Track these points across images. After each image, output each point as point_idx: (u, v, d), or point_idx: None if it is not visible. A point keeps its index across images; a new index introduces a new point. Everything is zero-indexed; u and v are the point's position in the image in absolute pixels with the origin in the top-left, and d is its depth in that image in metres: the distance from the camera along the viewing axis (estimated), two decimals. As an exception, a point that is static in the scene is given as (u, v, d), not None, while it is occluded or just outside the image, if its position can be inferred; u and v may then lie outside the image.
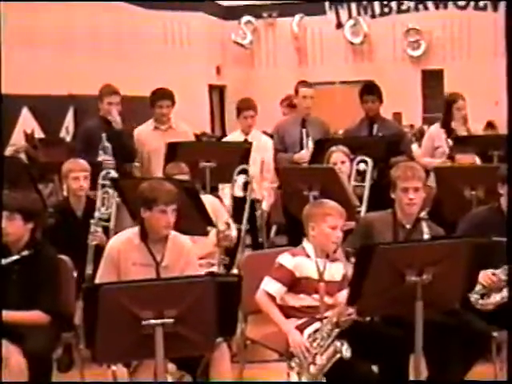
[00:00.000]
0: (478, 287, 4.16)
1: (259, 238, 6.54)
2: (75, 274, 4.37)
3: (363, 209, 5.47)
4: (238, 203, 5.60)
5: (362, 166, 5.73)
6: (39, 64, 8.26)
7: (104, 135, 6.06)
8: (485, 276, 4.17)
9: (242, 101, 6.79)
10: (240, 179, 5.57)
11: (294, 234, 5.14)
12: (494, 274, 4.18)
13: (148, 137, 6.47)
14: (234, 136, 6.80)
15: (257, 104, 6.73)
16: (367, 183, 5.65)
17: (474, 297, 4.17)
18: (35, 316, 3.98)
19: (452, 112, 6.50)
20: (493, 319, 4.15)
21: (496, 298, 4.18)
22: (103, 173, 5.49)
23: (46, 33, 9.77)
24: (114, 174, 5.55)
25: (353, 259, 3.80)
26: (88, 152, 6.05)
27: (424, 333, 3.41)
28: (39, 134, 9.57)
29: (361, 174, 5.73)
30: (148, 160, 6.48)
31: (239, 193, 5.62)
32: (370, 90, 6.80)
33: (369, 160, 5.74)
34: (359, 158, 5.73)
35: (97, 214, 5.23)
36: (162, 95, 6.48)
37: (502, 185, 4.40)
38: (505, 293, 4.13)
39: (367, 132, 6.64)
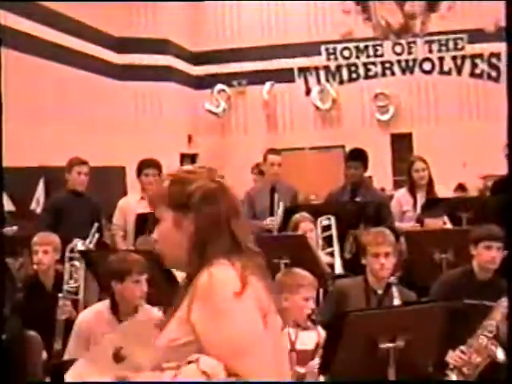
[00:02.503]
0: (449, 370, 4.16)
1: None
2: (43, 350, 4.29)
3: (337, 265, 5.48)
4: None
5: (325, 223, 5.78)
6: (8, 135, 8.25)
7: None
8: (454, 356, 4.16)
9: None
10: None
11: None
12: (462, 352, 4.17)
13: (134, 207, 6.43)
14: None
15: (223, 172, 6.76)
16: (334, 238, 5.67)
17: (450, 378, 4.16)
18: None
19: (412, 175, 6.54)
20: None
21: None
22: (70, 246, 5.44)
23: (14, 103, 9.79)
24: (80, 246, 5.49)
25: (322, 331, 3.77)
26: (57, 225, 6.02)
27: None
28: (9, 206, 9.50)
29: (325, 231, 5.76)
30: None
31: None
32: (355, 156, 6.80)
33: (331, 217, 5.77)
34: (321, 218, 5.76)
35: (65, 287, 5.16)
36: (149, 164, 6.49)
37: (475, 246, 4.43)
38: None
39: (349, 198, 6.62)
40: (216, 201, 2.15)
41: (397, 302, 4.17)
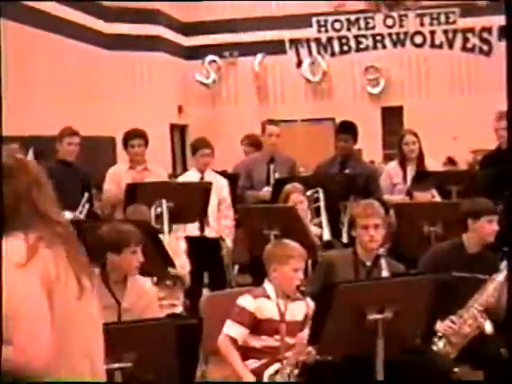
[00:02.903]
0: (437, 337, 4.20)
1: (226, 277, 6.56)
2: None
3: (325, 232, 5.50)
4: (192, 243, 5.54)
5: (314, 195, 5.81)
6: (-2, 105, 8.21)
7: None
8: (444, 325, 4.21)
9: (199, 140, 6.82)
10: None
11: (258, 272, 5.13)
12: (452, 322, 4.22)
13: (122, 176, 6.41)
14: (189, 175, 6.79)
15: (214, 144, 6.76)
16: (322, 209, 5.69)
17: (437, 346, 4.20)
18: None
19: (402, 148, 6.55)
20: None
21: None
22: None
23: (4, 72, 9.71)
24: (69, 215, 5.47)
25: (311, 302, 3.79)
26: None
27: (385, 370, 3.40)
28: (-2, 176, 9.46)
29: (315, 202, 5.79)
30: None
31: (195, 231, 5.56)
32: (345, 129, 6.84)
33: (319, 189, 5.79)
34: (310, 191, 5.77)
35: None
36: (134, 134, 6.46)
37: (474, 220, 4.43)
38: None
39: (338, 170, 6.65)
40: (13, 176, 2.33)
41: (385, 273, 4.19)
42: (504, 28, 3.53)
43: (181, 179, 7.13)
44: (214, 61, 14.70)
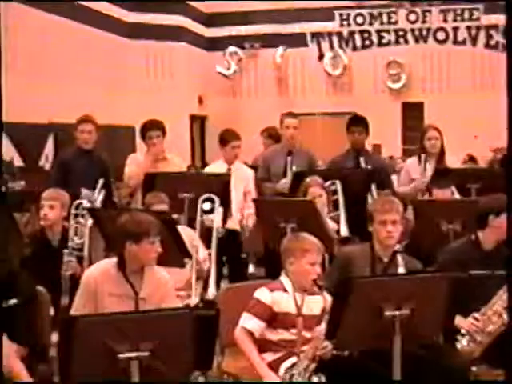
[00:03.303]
0: (460, 335, 4.18)
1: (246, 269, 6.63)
2: (51, 305, 4.33)
3: (343, 227, 5.49)
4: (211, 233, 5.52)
5: (332, 188, 5.79)
6: (19, 91, 8.23)
7: None
8: (467, 322, 4.18)
9: (229, 131, 6.79)
10: (206, 206, 5.50)
11: (272, 265, 5.13)
12: (475, 319, 4.20)
13: (145, 162, 6.41)
14: (217, 166, 6.80)
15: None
16: (341, 203, 5.68)
17: (461, 344, 4.18)
18: (14, 349, 3.92)
19: (424, 143, 6.53)
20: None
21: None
22: (76, 202, 5.45)
23: (26, 60, 9.76)
24: (86, 203, 5.50)
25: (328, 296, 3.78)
26: (66, 182, 6.04)
27: (402, 367, 3.40)
28: (18, 162, 9.52)
29: (334, 194, 5.78)
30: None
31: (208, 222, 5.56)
32: (357, 122, 6.83)
33: (337, 181, 5.78)
34: (328, 183, 5.76)
35: (70, 244, 5.18)
36: (151, 125, 6.49)
37: (495, 216, 4.40)
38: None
39: (353, 163, 6.62)
40: None
41: (402, 270, 4.18)
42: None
43: (208, 170, 7.15)
44: (236, 52, 14.70)
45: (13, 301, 3.91)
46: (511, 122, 2.72)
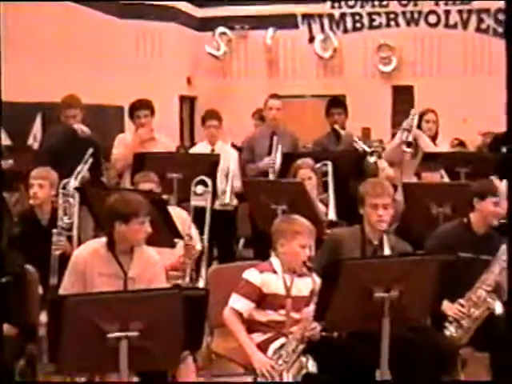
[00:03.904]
0: (448, 322, 4.19)
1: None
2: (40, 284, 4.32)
3: (331, 211, 5.49)
4: (200, 214, 5.52)
5: (323, 168, 5.80)
6: (7, 71, 8.17)
7: None
8: (452, 308, 4.20)
9: (208, 111, 6.92)
10: (199, 189, 5.49)
11: (261, 246, 5.13)
12: (461, 305, 4.22)
13: (131, 143, 6.38)
14: (200, 147, 6.83)
15: (222, 116, 6.77)
16: (330, 185, 5.68)
17: (449, 331, 4.20)
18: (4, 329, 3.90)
19: (422, 124, 6.56)
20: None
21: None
22: (63, 182, 5.42)
23: (14, 39, 9.67)
24: (74, 182, 5.45)
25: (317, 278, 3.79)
26: (55, 162, 6.00)
27: (390, 349, 3.41)
28: (6, 141, 9.45)
29: (325, 176, 5.78)
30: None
31: (201, 203, 5.54)
32: (336, 103, 6.97)
33: (328, 162, 5.79)
34: (319, 164, 5.76)
35: (59, 224, 5.15)
36: (140, 105, 6.48)
37: (479, 200, 4.42)
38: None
39: (335, 145, 6.69)
40: None
41: (387, 250, 4.20)
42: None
43: (192, 151, 7.13)
44: (225, 33, 14.62)
45: (1, 279, 3.90)
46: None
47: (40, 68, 10.06)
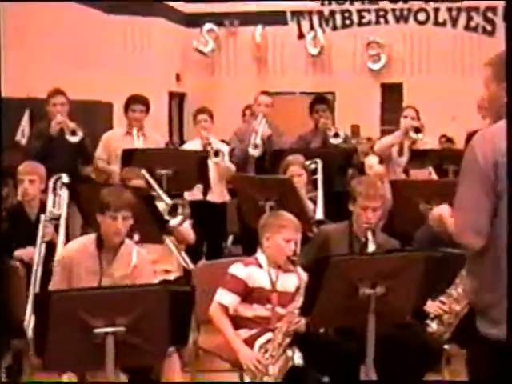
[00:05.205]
0: (430, 319, 4.20)
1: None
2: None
3: (319, 210, 5.50)
4: (193, 207, 5.53)
5: (312, 166, 5.81)
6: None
7: None
8: (433, 306, 4.21)
9: (198, 108, 6.93)
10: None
11: (249, 243, 5.13)
12: (441, 302, 4.22)
13: (118, 141, 6.39)
14: (192, 144, 6.84)
15: (213, 113, 6.78)
16: (319, 183, 5.69)
17: (431, 328, 4.20)
18: None
19: (401, 122, 6.60)
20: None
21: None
22: (55, 177, 5.40)
23: (1, 34, 9.63)
24: (65, 178, 5.45)
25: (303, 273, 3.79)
26: (42, 156, 5.99)
27: (376, 345, 3.42)
28: (-6, 136, 9.41)
29: (314, 174, 5.79)
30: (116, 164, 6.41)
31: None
32: (321, 101, 7.00)
33: (318, 160, 5.81)
34: (308, 162, 5.77)
35: (48, 212, 5.12)
36: (136, 99, 6.50)
37: None
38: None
39: (321, 141, 6.70)
40: None
41: (371, 246, 4.21)
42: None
43: (185, 147, 7.17)
44: (212, 29, 14.59)
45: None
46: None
47: (27, 63, 10.02)
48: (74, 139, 6.26)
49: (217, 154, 6.30)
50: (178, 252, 5.00)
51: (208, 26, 14.50)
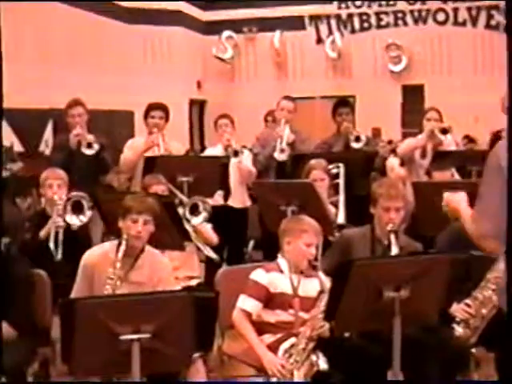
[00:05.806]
0: (456, 323, 4.16)
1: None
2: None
3: (340, 215, 5.48)
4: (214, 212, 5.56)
5: (334, 170, 5.80)
6: (18, 77, 8.20)
7: None
8: (459, 309, 4.17)
9: (219, 115, 6.94)
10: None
11: (270, 248, 5.13)
12: (467, 305, 4.18)
13: (140, 148, 6.40)
14: (215, 150, 6.82)
15: (234, 119, 6.79)
16: (341, 187, 5.68)
17: (457, 331, 4.16)
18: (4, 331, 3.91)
19: (423, 123, 6.58)
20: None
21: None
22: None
23: (25, 46, 9.72)
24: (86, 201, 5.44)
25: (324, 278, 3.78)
26: (65, 169, 6.03)
27: (402, 349, 3.40)
28: (18, 147, 9.51)
29: (336, 178, 5.78)
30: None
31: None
32: (344, 104, 7.04)
33: (340, 165, 5.79)
34: (331, 166, 5.77)
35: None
36: (155, 106, 6.51)
37: None
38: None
39: (343, 145, 6.69)
40: None
41: (394, 249, 4.18)
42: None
43: (206, 153, 7.19)
44: (231, 37, 14.63)
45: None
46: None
47: (51, 75, 10.12)
48: (89, 152, 6.23)
49: (236, 153, 6.30)
50: (203, 247, 5.03)
51: (226, 33, 14.55)
